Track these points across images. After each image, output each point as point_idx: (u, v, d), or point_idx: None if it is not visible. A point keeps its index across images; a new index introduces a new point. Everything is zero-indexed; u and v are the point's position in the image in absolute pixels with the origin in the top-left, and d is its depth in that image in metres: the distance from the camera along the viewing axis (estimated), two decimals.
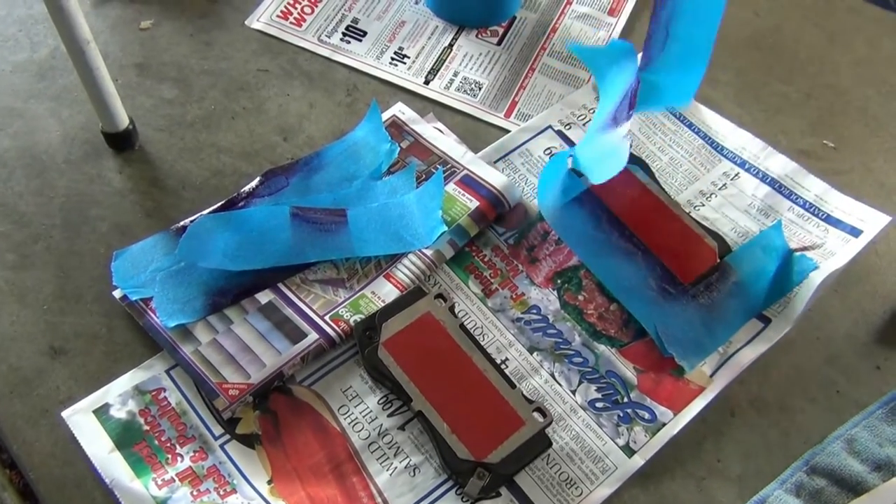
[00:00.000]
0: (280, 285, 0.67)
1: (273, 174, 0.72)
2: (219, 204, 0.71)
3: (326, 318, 0.66)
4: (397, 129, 0.77)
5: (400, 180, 0.73)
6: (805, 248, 0.73)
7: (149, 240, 0.68)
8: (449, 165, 0.75)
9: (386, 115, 0.78)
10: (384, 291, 0.67)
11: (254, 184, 0.72)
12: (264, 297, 0.67)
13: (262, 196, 0.71)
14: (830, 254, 0.73)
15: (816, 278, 0.70)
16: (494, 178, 0.74)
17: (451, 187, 0.73)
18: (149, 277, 0.66)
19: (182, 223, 0.69)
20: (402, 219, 0.70)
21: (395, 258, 0.69)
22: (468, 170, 0.74)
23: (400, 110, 0.79)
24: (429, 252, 0.69)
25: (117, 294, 0.66)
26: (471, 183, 0.73)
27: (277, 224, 0.68)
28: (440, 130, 0.78)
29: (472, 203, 0.72)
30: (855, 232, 0.74)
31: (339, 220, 0.69)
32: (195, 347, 0.64)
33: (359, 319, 0.65)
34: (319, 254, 0.68)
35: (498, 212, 0.72)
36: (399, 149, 0.76)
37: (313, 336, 0.64)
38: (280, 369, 0.63)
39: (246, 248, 0.67)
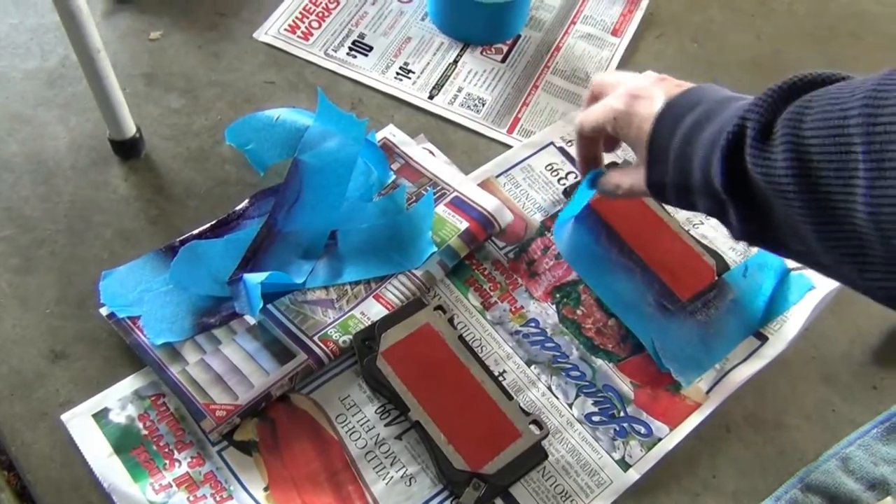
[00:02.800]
0: (269, 306, 0.67)
1: (263, 195, 0.73)
2: (210, 224, 0.71)
3: (315, 338, 0.65)
4: (388, 151, 0.78)
5: (390, 202, 0.73)
6: (802, 267, 0.73)
7: (138, 260, 0.68)
8: (439, 187, 0.75)
9: (378, 137, 0.79)
10: (373, 312, 0.67)
11: (244, 205, 0.72)
12: (253, 317, 0.67)
13: (252, 217, 0.72)
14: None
15: (813, 298, 0.71)
16: (485, 199, 0.74)
17: (441, 209, 0.74)
18: (137, 297, 0.66)
19: (170, 243, 0.69)
20: (392, 240, 0.71)
21: (384, 279, 0.70)
22: (458, 192, 0.75)
23: (391, 133, 0.79)
24: (419, 273, 0.69)
25: (104, 311, 0.66)
26: (461, 205, 0.74)
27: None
28: (431, 152, 0.79)
29: (462, 224, 0.72)
30: None
31: (329, 243, 0.70)
32: (182, 367, 0.63)
33: (347, 340, 0.65)
34: (310, 279, 0.69)
35: (488, 233, 0.72)
36: (392, 174, 0.76)
37: (302, 356, 0.64)
38: (268, 390, 0.62)
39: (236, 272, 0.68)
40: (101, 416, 0.62)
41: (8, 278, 0.68)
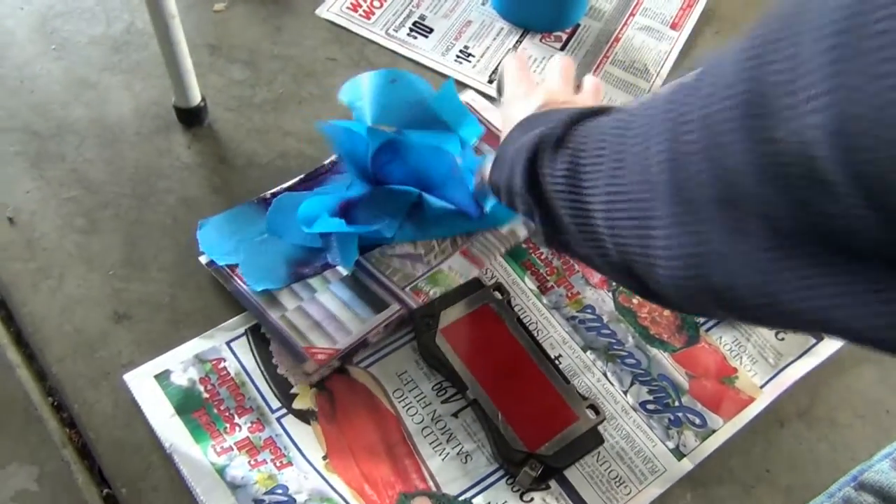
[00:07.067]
0: (360, 258, 0.68)
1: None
2: (300, 177, 0.73)
3: (406, 289, 0.67)
4: None
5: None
6: None
7: (231, 211, 0.70)
8: None
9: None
10: (461, 267, 0.69)
11: (331, 160, 0.74)
12: (346, 269, 0.68)
13: (340, 172, 0.73)
14: None
15: None
16: None
17: None
18: (234, 246, 0.68)
19: (261, 196, 0.71)
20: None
21: (470, 235, 0.71)
22: None
23: (472, 98, 0.81)
24: (504, 230, 0.71)
25: (203, 260, 0.68)
26: None
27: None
28: None
29: None
30: None
31: (416, 202, 0.70)
32: (282, 313, 0.65)
33: (438, 293, 0.67)
34: (398, 234, 0.70)
35: None
36: (482, 129, 0.77)
37: (395, 306, 0.66)
38: (365, 336, 0.64)
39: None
40: (162, 378, 0.63)
41: (74, 238, 0.69)
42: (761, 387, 0.67)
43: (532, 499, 0.60)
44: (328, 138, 0.69)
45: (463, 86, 0.83)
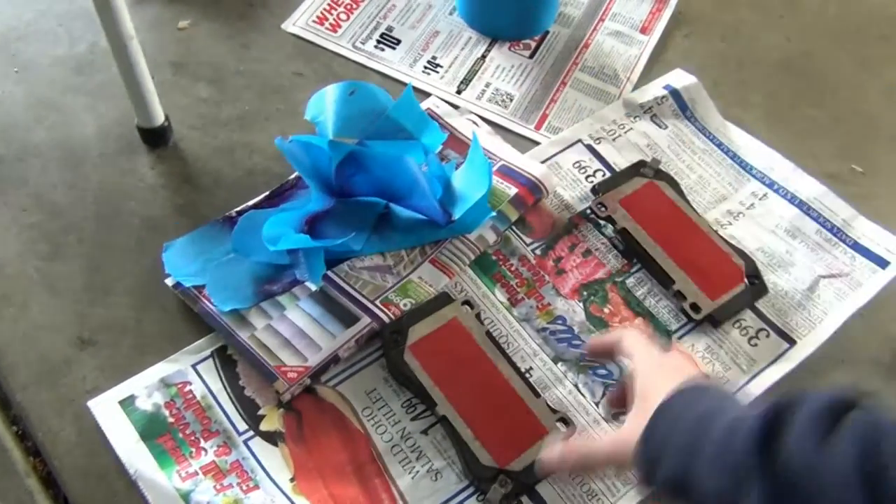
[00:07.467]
0: (329, 273, 0.68)
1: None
2: (265, 194, 0.72)
3: (377, 302, 0.67)
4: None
5: (442, 174, 0.73)
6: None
7: (196, 231, 0.69)
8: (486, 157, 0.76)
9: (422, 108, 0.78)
10: (430, 276, 0.69)
11: (295, 175, 0.73)
12: (314, 284, 0.67)
13: (305, 187, 0.72)
14: (857, 284, 0.72)
15: (846, 309, 0.70)
16: (531, 166, 0.75)
17: None
18: (200, 267, 0.67)
19: (227, 214, 0.71)
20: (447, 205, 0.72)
21: (438, 243, 0.71)
22: (504, 160, 0.76)
23: (434, 104, 0.81)
24: (472, 237, 0.71)
25: (169, 282, 0.67)
26: (508, 172, 0.75)
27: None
28: (474, 123, 0.80)
29: (511, 190, 0.73)
30: (882, 263, 0.74)
31: (383, 212, 0.71)
32: (251, 332, 0.65)
33: (409, 304, 0.67)
34: (367, 246, 0.69)
35: (536, 197, 0.74)
36: (445, 135, 0.77)
37: (366, 320, 0.65)
38: (336, 352, 0.64)
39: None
40: (127, 403, 0.62)
41: (36, 264, 0.68)
42: (734, 394, 0.66)
43: None
44: (288, 155, 0.68)
45: (424, 93, 0.82)
